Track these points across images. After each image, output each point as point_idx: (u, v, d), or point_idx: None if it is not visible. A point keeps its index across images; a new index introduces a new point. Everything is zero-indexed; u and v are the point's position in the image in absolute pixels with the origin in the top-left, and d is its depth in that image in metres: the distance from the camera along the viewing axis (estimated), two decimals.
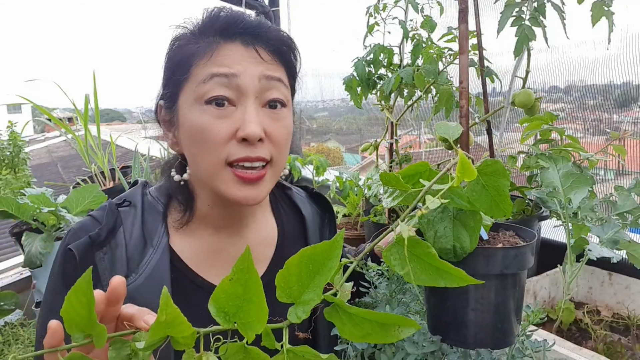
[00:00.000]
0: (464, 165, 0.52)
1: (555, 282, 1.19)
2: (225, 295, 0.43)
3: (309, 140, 3.36)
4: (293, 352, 0.45)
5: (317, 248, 0.46)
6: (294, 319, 0.46)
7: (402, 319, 0.47)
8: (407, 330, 0.47)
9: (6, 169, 2.73)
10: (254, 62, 0.67)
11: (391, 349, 0.75)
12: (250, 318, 0.43)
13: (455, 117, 1.68)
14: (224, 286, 0.42)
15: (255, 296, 0.42)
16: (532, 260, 0.65)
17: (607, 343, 1.00)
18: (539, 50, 1.32)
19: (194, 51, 0.67)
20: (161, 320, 0.40)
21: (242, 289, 0.42)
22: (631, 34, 1.22)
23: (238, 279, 0.42)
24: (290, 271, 0.46)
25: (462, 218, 0.60)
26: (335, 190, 1.82)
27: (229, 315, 0.43)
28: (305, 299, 0.46)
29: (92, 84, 1.98)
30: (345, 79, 1.49)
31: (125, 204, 0.73)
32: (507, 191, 0.57)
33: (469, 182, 0.56)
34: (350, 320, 0.47)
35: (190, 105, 0.67)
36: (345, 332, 0.48)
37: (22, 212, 1.37)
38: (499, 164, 0.56)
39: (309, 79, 2.85)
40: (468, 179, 0.52)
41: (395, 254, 0.52)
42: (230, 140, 0.65)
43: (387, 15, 1.44)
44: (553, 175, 1.00)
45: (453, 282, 0.51)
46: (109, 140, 2.14)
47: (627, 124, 1.33)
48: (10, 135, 2.80)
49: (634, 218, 0.99)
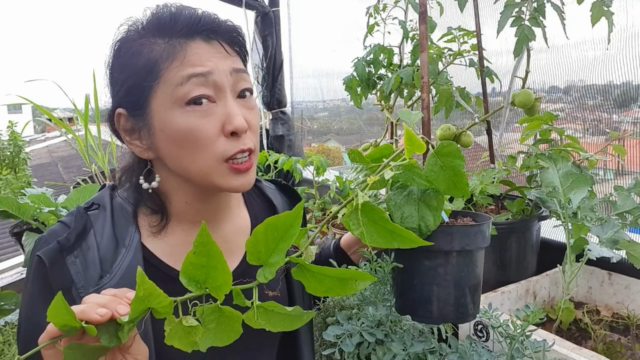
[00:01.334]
0: (410, 139, 0.58)
1: (555, 282, 1.19)
2: (193, 267, 0.49)
3: (309, 141, 3.35)
4: (263, 307, 0.52)
5: (280, 218, 0.52)
6: (262, 279, 0.53)
7: (358, 273, 0.54)
8: (363, 283, 0.55)
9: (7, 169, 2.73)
10: (221, 58, 0.69)
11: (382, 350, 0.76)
12: (218, 282, 0.49)
13: (455, 117, 1.69)
14: (190, 259, 0.48)
15: (219, 263, 0.49)
16: (489, 240, 0.71)
17: (606, 343, 1.00)
18: (539, 50, 1.32)
19: (159, 55, 0.66)
20: (140, 295, 0.46)
21: (206, 259, 0.48)
22: (631, 34, 1.22)
23: (200, 251, 0.48)
24: (257, 238, 0.52)
25: (426, 200, 0.66)
26: (335, 190, 1.83)
27: (199, 283, 0.49)
28: (271, 262, 0.53)
29: (92, 84, 1.98)
30: (345, 79, 1.49)
31: (94, 208, 0.73)
32: (463, 171, 0.63)
33: (428, 162, 0.63)
34: (314, 277, 0.55)
35: (168, 109, 0.66)
36: (310, 288, 0.55)
37: (22, 212, 1.37)
38: (453, 146, 0.62)
39: (309, 79, 2.86)
40: (418, 151, 0.59)
41: (354, 219, 0.59)
42: (220, 137, 0.67)
43: (387, 15, 1.44)
44: (553, 175, 1.00)
45: (405, 244, 0.58)
46: (109, 140, 2.14)
47: (627, 124, 1.33)
48: (10, 135, 2.80)
49: (634, 218, 0.99)
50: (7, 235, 1.59)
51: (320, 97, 2.89)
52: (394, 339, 0.76)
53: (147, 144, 0.70)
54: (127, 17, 0.72)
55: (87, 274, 0.65)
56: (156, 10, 0.70)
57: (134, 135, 0.71)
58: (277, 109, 2.48)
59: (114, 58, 0.71)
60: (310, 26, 2.69)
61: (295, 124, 2.71)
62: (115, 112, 0.71)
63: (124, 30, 0.70)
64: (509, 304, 1.10)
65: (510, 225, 1.17)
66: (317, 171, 1.91)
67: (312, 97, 2.93)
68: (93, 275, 0.65)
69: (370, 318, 0.78)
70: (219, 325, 0.51)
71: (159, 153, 0.70)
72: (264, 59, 2.39)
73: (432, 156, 0.63)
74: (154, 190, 0.73)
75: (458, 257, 0.68)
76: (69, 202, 1.47)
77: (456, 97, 1.31)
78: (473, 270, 0.70)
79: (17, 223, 1.49)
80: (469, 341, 0.81)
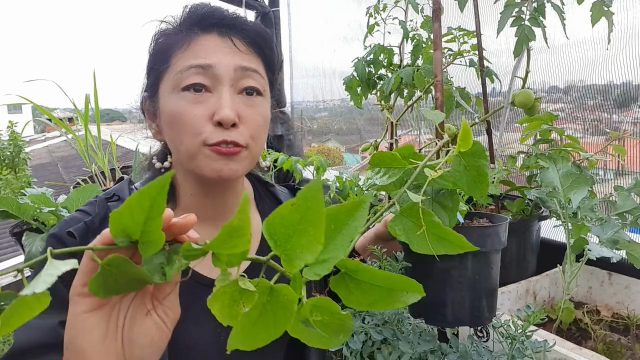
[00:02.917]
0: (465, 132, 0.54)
1: (555, 282, 1.19)
2: (280, 221, 0.38)
3: (310, 141, 3.35)
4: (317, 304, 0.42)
5: (342, 207, 0.43)
6: (312, 276, 0.42)
7: (411, 282, 0.45)
8: (413, 295, 0.45)
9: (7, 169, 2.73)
10: (229, 53, 0.70)
11: (387, 349, 0.76)
12: (299, 250, 0.39)
13: (455, 117, 1.68)
14: (283, 210, 0.38)
15: (312, 227, 0.38)
16: (506, 242, 0.69)
17: (606, 343, 1.00)
18: (539, 50, 1.32)
19: (172, 42, 0.70)
20: (233, 224, 0.37)
21: (299, 217, 0.38)
22: (631, 34, 1.22)
23: (299, 206, 0.37)
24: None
25: (440, 200, 0.63)
26: (335, 190, 1.83)
27: (277, 243, 0.39)
28: (325, 258, 0.42)
29: (92, 84, 1.98)
30: (346, 79, 1.49)
31: (114, 198, 0.76)
32: (487, 171, 0.60)
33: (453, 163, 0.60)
34: (358, 287, 0.45)
35: (168, 93, 0.70)
36: (351, 301, 0.46)
37: (22, 212, 1.37)
38: (479, 145, 0.59)
39: (309, 79, 2.85)
40: (468, 147, 0.55)
41: (399, 224, 0.55)
42: (207, 124, 0.68)
43: (387, 15, 1.44)
44: (553, 175, 1.00)
45: (454, 250, 0.53)
46: (109, 140, 2.14)
47: (627, 124, 1.33)
48: (10, 136, 2.81)
49: (634, 218, 0.99)
50: (7, 235, 1.59)
51: (320, 97, 2.89)
52: (401, 338, 0.76)
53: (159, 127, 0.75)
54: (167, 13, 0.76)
55: None
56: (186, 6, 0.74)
57: (153, 118, 0.76)
58: (276, 108, 2.48)
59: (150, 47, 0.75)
60: (310, 26, 2.69)
61: (295, 124, 2.71)
62: (143, 95, 0.76)
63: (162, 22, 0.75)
64: (509, 304, 1.10)
65: (510, 225, 1.17)
66: (317, 171, 1.91)
67: (312, 97, 2.93)
68: None
69: (379, 316, 0.77)
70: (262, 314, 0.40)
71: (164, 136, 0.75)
72: None
73: (456, 156, 0.60)
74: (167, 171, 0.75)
75: (473, 260, 0.66)
76: (69, 202, 1.46)
77: (456, 97, 1.31)
78: (489, 272, 0.68)
79: (17, 223, 1.49)
80: (470, 341, 0.81)
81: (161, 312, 0.47)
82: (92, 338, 0.43)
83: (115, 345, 0.44)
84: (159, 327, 0.46)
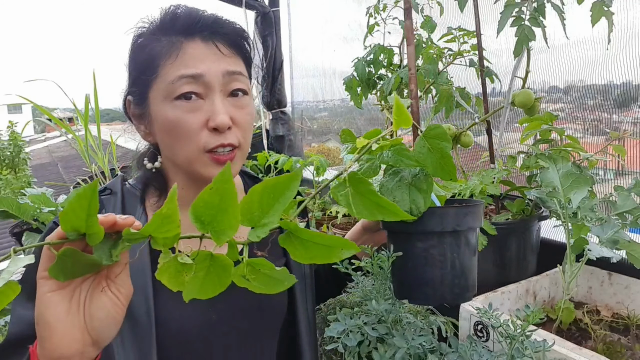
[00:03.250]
0: (399, 108, 0.59)
1: (555, 282, 1.19)
2: (204, 204, 0.47)
3: (310, 141, 3.35)
4: (251, 264, 0.52)
5: (280, 179, 0.52)
6: (254, 237, 0.51)
7: (345, 241, 0.54)
8: (348, 251, 0.54)
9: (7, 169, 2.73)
10: (216, 59, 0.73)
11: (383, 347, 0.76)
12: (223, 226, 0.48)
13: (455, 117, 1.68)
14: (204, 195, 0.46)
15: (230, 207, 0.47)
16: (482, 221, 0.74)
17: (606, 343, 1.00)
18: (539, 50, 1.32)
19: (158, 51, 0.72)
20: (163, 212, 0.46)
21: (219, 199, 0.47)
22: (631, 34, 1.22)
23: (217, 189, 0.46)
24: (253, 198, 0.51)
25: (416, 184, 0.69)
26: None
27: (204, 223, 0.48)
28: (265, 222, 0.52)
29: (92, 84, 1.98)
30: (346, 79, 1.49)
31: (106, 192, 0.81)
32: (449, 154, 0.65)
33: (417, 144, 0.66)
34: (302, 244, 0.54)
35: (161, 102, 0.73)
36: (297, 256, 0.55)
37: (22, 212, 1.38)
38: (441, 128, 0.65)
39: (309, 79, 2.85)
40: (405, 125, 0.61)
41: (342, 190, 0.61)
42: (203, 130, 0.72)
43: (387, 15, 1.44)
44: (553, 175, 1.00)
45: (389, 216, 0.61)
46: (109, 140, 2.14)
47: (627, 124, 1.33)
48: (10, 136, 2.81)
49: (634, 218, 0.99)
50: (7, 235, 1.59)
51: (320, 97, 2.89)
52: (396, 334, 0.77)
53: (149, 130, 0.78)
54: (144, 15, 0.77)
55: None
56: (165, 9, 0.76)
57: (140, 121, 0.79)
58: (277, 109, 2.48)
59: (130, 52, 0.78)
60: (310, 26, 2.69)
61: (295, 124, 2.71)
62: (126, 99, 0.79)
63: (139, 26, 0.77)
64: (509, 304, 1.10)
65: (510, 225, 1.17)
66: (317, 171, 1.91)
67: (312, 97, 2.93)
68: None
69: (373, 312, 0.78)
70: (207, 274, 0.51)
71: (156, 139, 0.78)
72: (264, 59, 2.39)
73: (420, 138, 0.67)
74: (159, 171, 0.81)
75: (450, 238, 0.70)
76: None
77: (456, 97, 1.31)
78: (466, 250, 0.72)
79: (17, 223, 1.49)
80: (469, 341, 0.81)
81: (114, 289, 0.55)
82: (56, 312, 0.51)
83: (79, 318, 0.53)
84: (114, 302, 0.54)
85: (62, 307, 0.51)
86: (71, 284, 0.53)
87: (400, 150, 0.67)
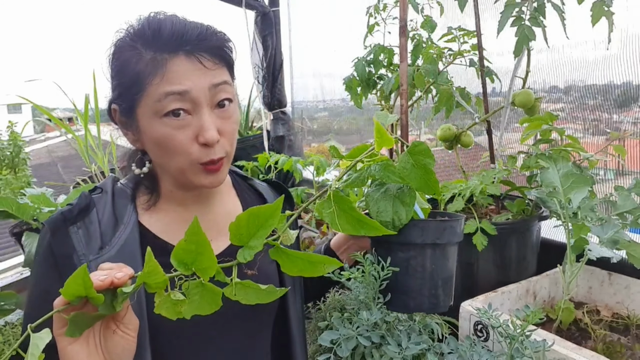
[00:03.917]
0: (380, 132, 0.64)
1: (555, 282, 1.19)
2: (183, 252, 0.57)
3: (310, 141, 3.35)
4: (240, 284, 0.60)
5: (262, 208, 0.60)
6: (242, 259, 0.61)
7: (326, 259, 0.63)
8: (331, 267, 0.63)
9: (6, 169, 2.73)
10: (201, 75, 0.73)
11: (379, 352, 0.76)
12: (204, 265, 0.58)
13: (455, 117, 1.69)
14: (181, 245, 0.57)
15: (206, 250, 0.57)
16: (461, 236, 0.78)
17: (606, 343, 1.00)
18: (539, 50, 1.32)
19: (142, 69, 0.72)
20: (145, 271, 0.56)
21: (195, 246, 0.57)
22: (631, 34, 1.22)
23: (190, 239, 0.57)
24: (240, 223, 0.60)
25: (400, 196, 0.72)
26: None
27: (187, 265, 0.58)
28: (251, 245, 0.61)
29: (92, 84, 1.98)
30: (346, 79, 1.49)
31: (97, 191, 0.83)
32: (433, 170, 0.68)
33: (401, 160, 0.69)
34: (288, 258, 0.63)
35: (149, 118, 0.74)
36: (285, 268, 0.63)
37: (22, 212, 1.38)
38: (424, 145, 0.68)
39: (309, 79, 2.85)
40: (387, 145, 0.66)
41: (326, 208, 0.67)
42: (193, 144, 0.74)
43: (387, 15, 1.44)
44: (553, 175, 1.00)
45: (370, 232, 0.66)
46: (109, 140, 2.14)
47: (627, 124, 1.32)
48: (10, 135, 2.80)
49: (634, 218, 0.99)
50: (7, 235, 1.59)
51: (320, 97, 2.89)
52: (390, 342, 0.77)
53: (137, 137, 0.79)
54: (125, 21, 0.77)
55: (90, 245, 0.74)
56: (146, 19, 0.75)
57: (127, 128, 0.80)
58: (277, 109, 2.48)
59: (112, 58, 0.77)
60: (310, 26, 2.69)
61: (296, 124, 2.71)
62: (111, 107, 0.80)
63: (120, 34, 0.76)
64: (509, 304, 1.10)
65: (510, 225, 1.17)
66: (317, 171, 1.91)
67: (312, 97, 2.93)
68: (94, 246, 0.74)
69: (365, 322, 0.79)
70: (201, 298, 0.59)
71: (145, 147, 0.80)
72: (264, 59, 2.39)
73: (404, 155, 0.69)
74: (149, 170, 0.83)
75: (430, 250, 0.74)
76: (68, 202, 1.46)
77: (456, 97, 1.31)
78: (444, 263, 0.75)
79: (17, 223, 1.49)
80: (469, 341, 0.81)
81: (123, 328, 0.62)
82: (80, 358, 0.59)
83: (99, 356, 0.61)
84: (125, 338, 0.62)
85: (83, 353, 0.60)
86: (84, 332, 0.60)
87: (386, 165, 0.70)
